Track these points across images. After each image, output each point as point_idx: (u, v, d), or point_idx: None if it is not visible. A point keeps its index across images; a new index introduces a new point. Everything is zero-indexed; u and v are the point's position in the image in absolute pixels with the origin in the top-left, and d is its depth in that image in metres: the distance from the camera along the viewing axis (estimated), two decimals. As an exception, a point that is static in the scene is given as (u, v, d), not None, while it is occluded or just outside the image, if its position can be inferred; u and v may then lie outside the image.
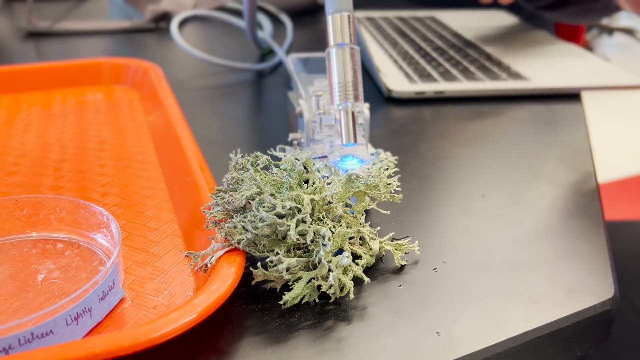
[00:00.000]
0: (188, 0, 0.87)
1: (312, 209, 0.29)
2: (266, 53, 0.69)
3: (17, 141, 0.43)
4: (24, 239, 0.31)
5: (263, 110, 0.53)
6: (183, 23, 0.84)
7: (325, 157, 0.37)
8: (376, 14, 0.86)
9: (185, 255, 0.28)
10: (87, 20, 0.85)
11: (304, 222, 0.28)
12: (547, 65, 0.62)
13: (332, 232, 0.28)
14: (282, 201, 0.27)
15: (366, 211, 0.35)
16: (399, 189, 0.33)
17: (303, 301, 0.27)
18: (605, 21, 4.30)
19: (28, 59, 0.67)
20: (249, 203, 0.28)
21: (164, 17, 0.82)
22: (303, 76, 0.47)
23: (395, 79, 0.57)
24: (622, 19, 4.49)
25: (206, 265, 0.27)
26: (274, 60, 0.63)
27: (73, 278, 0.28)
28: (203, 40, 0.78)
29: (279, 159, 0.31)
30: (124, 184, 0.37)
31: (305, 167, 0.30)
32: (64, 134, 0.44)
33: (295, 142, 0.40)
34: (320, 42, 0.78)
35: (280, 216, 0.27)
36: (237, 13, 0.90)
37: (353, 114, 0.35)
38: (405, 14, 0.86)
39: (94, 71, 0.54)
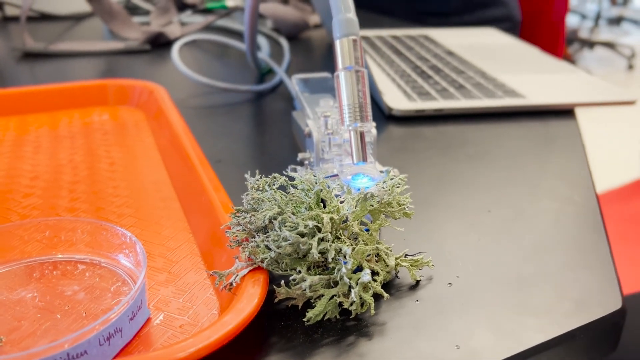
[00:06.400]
0: (176, 27, 0.88)
1: (331, 227, 0.29)
2: (265, 73, 0.70)
3: (29, 163, 0.44)
4: (46, 261, 0.31)
5: (266, 130, 0.54)
6: (172, 44, 0.84)
7: (335, 175, 0.38)
8: (370, 32, 0.88)
9: (210, 275, 0.29)
10: (82, 41, 0.85)
11: (324, 240, 0.29)
12: (540, 82, 0.64)
13: (352, 250, 0.29)
14: (303, 220, 0.28)
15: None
16: (412, 205, 0.34)
17: (325, 318, 0.28)
18: (586, 35, 4.39)
19: (24, 80, 0.68)
20: (271, 223, 0.29)
21: (158, 38, 0.83)
22: (307, 96, 0.48)
23: (395, 98, 0.58)
24: (603, 33, 4.59)
25: (231, 284, 0.28)
26: (274, 81, 0.64)
27: (98, 299, 0.29)
28: (197, 60, 0.79)
29: (293, 179, 0.32)
30: (139, 204, 0.38)
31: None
32: (74, 156, 0.45)
33: (305, 162, 0.41)
34: (315, 61, 0.80)
35: (302, 235, 0.28)
36: (228, 32, 0.92)
37: (362, 133, 0.36)
38: (399, 32, 0.88)
39: (99, 92, 0.55)
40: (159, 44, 0.83)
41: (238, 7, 0.94)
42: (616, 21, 4.87)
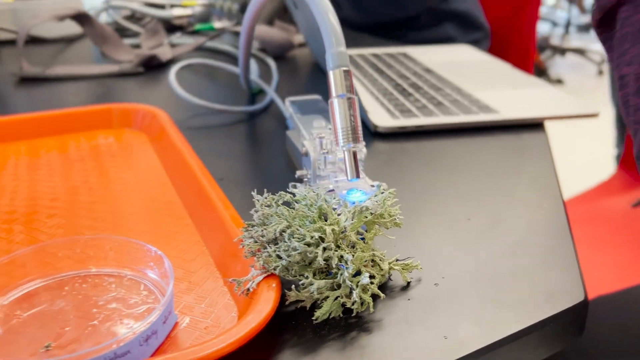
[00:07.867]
0: (166, 49, 0.92)
1: (333, 237, 0.34)
2: (256, 93, 0.74)
3: (46, 185, 0.47)
4: (78, 275, 0.35)
5: (262, 148, 0.58)
6: (164, 66, 0.88)
7: (332, 190, 0.42)
8: (353, 51, 0.92)
9: (229, 282, 0.33)
10: (77, 64, 0.89)
11: (328, 249, 0.33)
12: (512, 97, 0.70)
13: (352, 257, 0.33)
14: (309, 232, 0.33)
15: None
16: (401, 216, 0.39)
17: (330, 316, 0.32)
18: (557, 42, 4.52)
19: (23, 104, 0.71)
20: (281, 235, 0.33)
21: (151, 60, 0.87)
22: (299, 117, 0.52)
23: (379, 115, 0.63)
24: (573, 39, 4.72)
25: (248, 289, 0.32)
26: (265, 101, 0.69)
27: (129, 307, 0.33)
28: (188, 81, 0.82)
29: (294, 195, 0.36)
30: (154, 223, 0.42)
31: (321, 202, 0.36)
32: (87, 177, 0.49)
33: (304, 179, 0.46)
34: (302, 78, 0.84)
35: (308, 245, 0.32)
36: (216, 53, 0.96)
37: (355, 153, 0.40)
38: (379, 50, 0.93)
39: (104, 116, 0.59)
40: (152, 66, 0.87)
41: (226, 28, 0.98)
42: (586, 28, 5.02)
